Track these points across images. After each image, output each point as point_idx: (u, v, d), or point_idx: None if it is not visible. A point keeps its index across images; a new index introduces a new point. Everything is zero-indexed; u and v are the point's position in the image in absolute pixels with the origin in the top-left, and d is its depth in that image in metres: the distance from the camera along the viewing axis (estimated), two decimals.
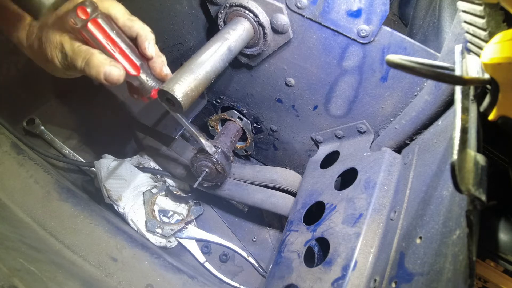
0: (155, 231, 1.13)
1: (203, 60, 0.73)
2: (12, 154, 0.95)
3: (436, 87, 0.71)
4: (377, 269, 0.70)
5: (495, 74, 0.41)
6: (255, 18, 0.81)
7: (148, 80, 0.69)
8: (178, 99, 0.66)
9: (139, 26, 0.66)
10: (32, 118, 1.15)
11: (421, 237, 0.59)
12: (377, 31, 0.74)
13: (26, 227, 0.84)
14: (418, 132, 0.81)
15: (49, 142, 1.19)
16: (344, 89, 0.89)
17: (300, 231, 0.91)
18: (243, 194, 1.12)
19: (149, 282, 0.86)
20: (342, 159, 0.97)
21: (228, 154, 1.05)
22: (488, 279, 0.73)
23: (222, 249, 1.25)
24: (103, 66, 0.61)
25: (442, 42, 0.74)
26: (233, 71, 1.05)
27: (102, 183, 1.10)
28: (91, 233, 0.89)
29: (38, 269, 0.68)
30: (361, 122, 0.93)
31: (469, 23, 0.51)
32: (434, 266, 0.52)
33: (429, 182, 0.65)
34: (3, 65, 1.05)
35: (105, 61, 0.61)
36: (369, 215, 0.76)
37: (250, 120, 1.20)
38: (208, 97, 1.24)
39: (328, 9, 0.75)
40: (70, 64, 0.63)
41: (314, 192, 0.96)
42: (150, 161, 1.24)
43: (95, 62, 0.61)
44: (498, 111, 0.43)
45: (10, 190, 0.89)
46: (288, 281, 0.84)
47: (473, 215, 0.41)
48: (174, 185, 1.27)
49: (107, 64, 0.61)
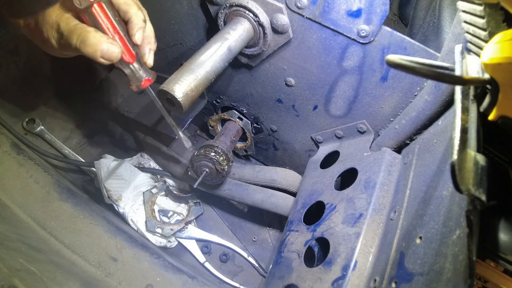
0: (155, 231, 1.13)
1: (203, 60, 0.73)
2: (12, 154, 0.96)
3: (436, 87, 0.71)
4: (377, 269, 0.70)
5: (495, 74, 0.41)
6: (255, 18, 0.81)
7: (140, 70, 0.69)
8: (178, 99, 0.67)
9: (133, 12, 0.67)
10: (32, 118, 1.15)
11: (421, 237, 0.59)
12: (377, 31, 0.74)
13: (26, 227, 0.84)
14: (418, 132, 0.81)
15: (49, 142, 1.19)
16: (344, 89, 0.89)
17: (300, 231, 0.91)
18: (243, 194, 1.12)
19: (149, 282, 0.86)
20: (342, 159, 0.97)
21: (228, 154, 1.06)
22: (488, 279, 0.73)
23: (222, 249, 1.25)
24: (100, 43, 0.61)
25: (442, 42, 0.74)
26: (233, 71, 1.05)
27: (102, 183, 1.10)
28: (91, 233, 0.90)
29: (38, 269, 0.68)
30: (361, 122, 0.93)
31: (469, 23, 0.51)
32: (434, 266, 0.52)
33: (429, 182, 0.65)
34: (3, 65, 1.05)
35: (101, 38, 0.61)
36: (369, 215, 0.76)
37: (250, 120, 1.20)
38: (208, 97, 1.24)
39: (328, 9, 0.75)
40: (66, 43, 0.62)
41: (314, 192, 0.96)
42: (150, 161, 1.24)
43: (91, 40, 0.60)
44: (498, 111, 0.43)
45: (10, 190, 0.89)
46: (288, 281, 0.84)
47: (473, 215, 0.41)
48: (174, 185, 1.27)
49: (104, 42, 0.61)
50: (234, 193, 1.14)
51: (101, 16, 0.62)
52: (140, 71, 0.69)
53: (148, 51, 0.70)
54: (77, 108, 1.26)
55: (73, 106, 1.25)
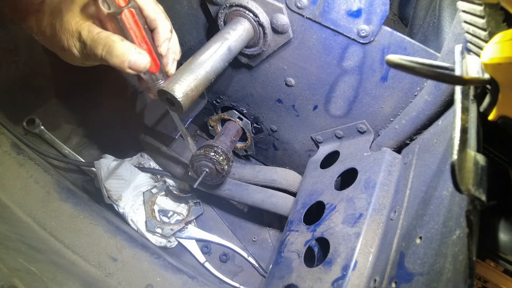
0: (155, 231, 1.13)
1: (203, 60, 0.73)
2: (12, 154, 0.95)
3: (436, 87, 0.71)
4: (377, 269, 0.70)
5: (495, 74, 0.41)
6: (255, 18, 0.81)
7: (161, 79, 0.68)
8: (178, 99, 0.66)
9: (161, 21, 0.64)
10: (32, 118, 1.15)
11: (421, 237, 0.59)
12: (377, 31, 0.74)
13: (26, 227, 0.84)
14: (418, 132, 0.81)
15: (49, 142, 1.19)
16: (344, 89, 0.89)
17: (300, 231, 0.91)
18: (243, 194, 1.12)
19: (149, 282, 0.86)
20: (342, 159, 0.97)
21: (228, 154, 1.06)
22: (488, 279, 0.73)
23: (222, 249, 1.25)
24: (128, 54, 0.58)
25: (442, 42, 0.74)
26: (233, 71, 1.05)
27: (102, 183, 1.10)
28: (91, 233, 0.90)
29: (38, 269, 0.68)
30: (361, 122, 0.93)
31: (469, 23, 0.51)
32: (434, 266, 0.52)
33: (429, 182, 0.65)
34: (3, 65, 1.05)
35: (129, 48, 0.58)
36: (369, 215, 0.76)
37: (250, 120, 1.20)
38: (208, 97, 1.24)
39: (328, 9, 0.75)
40: (90, 53, 0.58)
41: (314, 192, 0.96)
42: (150, 161, 1.24)
43: (119, 50, 0.57)
44: (498, 111, 0.43)
45: (10, 190, 0.89)
46: (288, 281, 0.84)
47: (473, 215, 0.41)
48: (174, 185, 1.27)
49: (133, 52, 0.58)
50: (234, 193, 1.14)
51: (130, 23, 0.58)
52: (160, 80, 0.68)
53: (171, 61, 0.68)
54: (77, 108, 1.26)
55: (73, 106, 1.25)
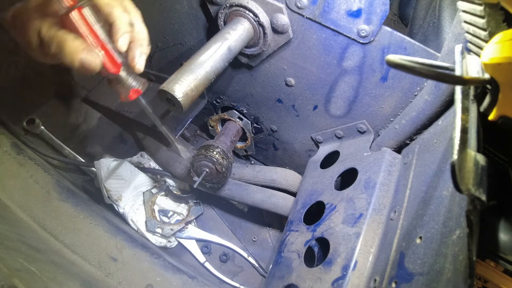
0: (155, 231, 1.13)
1: (203, 60, 0.73)
2: (12, 154, 0.96)
3: (436, 87, 0.71)
4: (377, 269, 0.70)
5: (495, 74, 0.41)
6: (255, 18, 0.81)
7: (128, 80, 0.64)
8: (178, 99, 0.66)
9: (116, 14, 0.60)
10: (32, 118, 1.15)
11: (421, 237, 0.59)
12: (377, 31, 0.74)
13: (26, 227, 0.84)
14: (418, 132, 0.81)
15: (49, 142, 1.19)
16: (344, 89, 0.89)
17: (300, 231, 0.91)
18: (243, 194, 1.12)
19: (149, 282, 0.86)
20: (342, 159, 0.97)
21: (228, 154, 1.05)
22: (488, 279, 0.73)
23: (222, 249, 1.25)
24: (78, 53, 0.56)
25: (442, 42, 0.74)
26: (233, 71, 1.05)
27: (102, 183, 1.10)
28: (91, 233, 0.90)
29: (38, 269, 0.67)
30: (361, 122, 0.93)
31: (469, 23, 0.51)
32: (434, 266, 0.52)
33: (429, 182, 0.65)
34: (3, 65, 1.05)
35: (79, 47, 0.56)
36: (369, 215, 0.76)
37: (250, 120, 1.20)
38: (208, 97, 1.24)
39: (328, 9, 0.75)
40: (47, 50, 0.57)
41: (314, 192, 0.96)
42: (150, 161, 1.24)
43: (68, 49, 0.55)
44: (498, 111, 0.43)
45: (10, 190, 0.89)
46: (288, 281, 0.84)
47: (473, 215, 0.41)
48: (174, 185, 1.27)
49: (82, 51, 0.56)
50: (234, 193, 1.14)
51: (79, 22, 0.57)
52: (128, 80, 0.64)
53: (138, 54, 0.63)
54: (77, 108, 1.26)
55: (73, 106, 1.25)
